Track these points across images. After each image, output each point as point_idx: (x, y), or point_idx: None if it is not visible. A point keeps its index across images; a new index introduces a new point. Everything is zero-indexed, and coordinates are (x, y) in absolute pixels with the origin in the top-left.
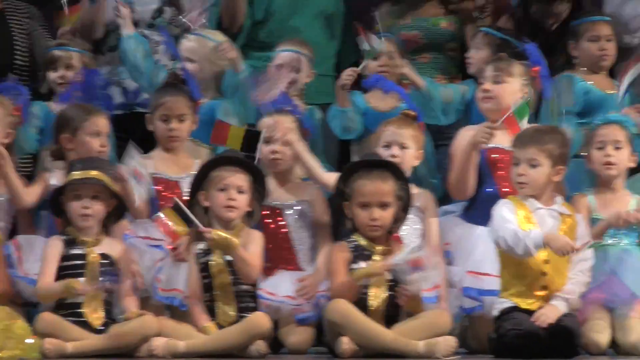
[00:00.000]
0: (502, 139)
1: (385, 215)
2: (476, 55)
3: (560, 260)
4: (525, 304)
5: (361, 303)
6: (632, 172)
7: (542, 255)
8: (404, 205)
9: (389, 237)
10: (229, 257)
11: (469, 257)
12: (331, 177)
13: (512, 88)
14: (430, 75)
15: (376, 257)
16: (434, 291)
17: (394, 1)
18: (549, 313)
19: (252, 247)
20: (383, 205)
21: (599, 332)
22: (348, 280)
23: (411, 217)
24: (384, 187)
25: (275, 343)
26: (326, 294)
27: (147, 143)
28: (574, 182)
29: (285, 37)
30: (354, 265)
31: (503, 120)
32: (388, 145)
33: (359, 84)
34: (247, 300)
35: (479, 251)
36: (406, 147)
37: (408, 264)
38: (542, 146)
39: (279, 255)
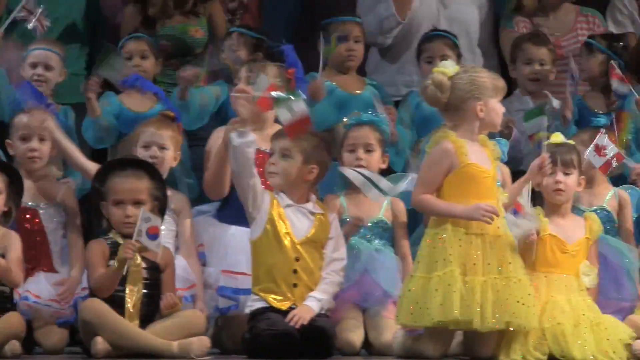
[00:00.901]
0: (260, 141)
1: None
2: (231, 56)
3: (312, 259)
4: (276, 301)
5: (117, 302)
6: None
7: (293, 253)
8: (161, 205)
9: None
10: None
11: (223, 257)
12: (95, 167)
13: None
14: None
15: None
16: (189, 291)
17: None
18: (303, 313)
19: (12, 252)
20: (137, 203)
21: (353, 332)
22: (107, 271)
23: (166, 218)
24: (138, 185)
25: (29, 343)
26: (84, 294)
27: None
28: (326, 183)
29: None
30: (112, 262)
31: (258, 99)
32: (147, 146)
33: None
34: (3, 301)
35: (233, 250)
36: (165, 148)
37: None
38: (297, 140)
39: (35, 256)
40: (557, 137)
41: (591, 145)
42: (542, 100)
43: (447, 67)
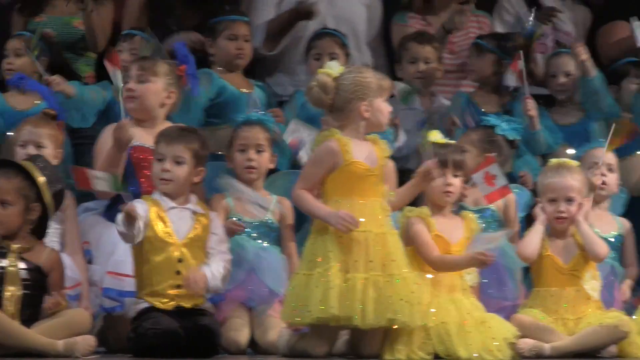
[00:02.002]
0: (147, 139)
1: (8, 214)
2: (127, 57)
3: (195, 259)
4: (160, 303)
5: None
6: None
7: (175, 253)
8: (41, 205)
9: (26, 235)
10: None
11: (109, 257)
12: None
13: (157, 87)
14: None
15: (11, 257)
16: (74, 290)
17: None
18: (197, 278)
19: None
20: (3, 204)
21: (238, 331)
22: None
23: None
24: (5, 185)
25: None
26: None
27: None
28: (213, 183)
29: None
30: None
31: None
32: (24, 145)
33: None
34: None
35: (119, 251)
36: (42, 146)
37: None
38: (188, 144)
39: None
40: (436, 135)
41: (481, 171)
42: (428, 101)
43: (332, 68)
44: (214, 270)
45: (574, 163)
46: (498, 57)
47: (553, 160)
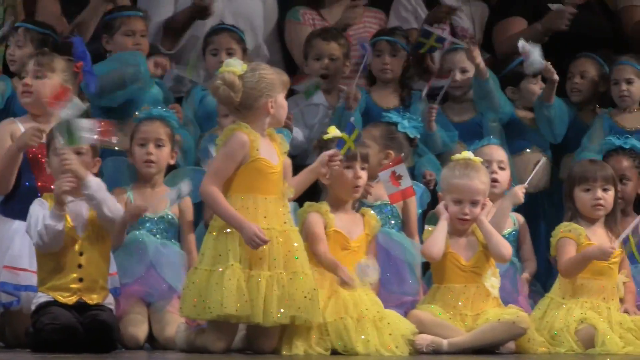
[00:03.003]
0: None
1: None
2: (18, 52)
3: (96, 252)
4: (62, 297)
5: None
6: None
7: (77, 247)
8: None
9: None
10: None
11: (6, 252)
12: None
13: (53, 83)
14: None
15: None
16: None
17: None
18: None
19: None
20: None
21: (137, 327)
22: None
23: None
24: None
25: None
26: None
27: None
28: (114, 177)
29: None
30: None
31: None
32: None
33: None
34: None
35: (16, 246)
36: None
37: None
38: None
39: None
40: (334, 131)
41: (388, 170)
42: (334, 97)
43: (235, 66)
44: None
45: (479, 160)
46: (407, 54)
47: (459, 156)
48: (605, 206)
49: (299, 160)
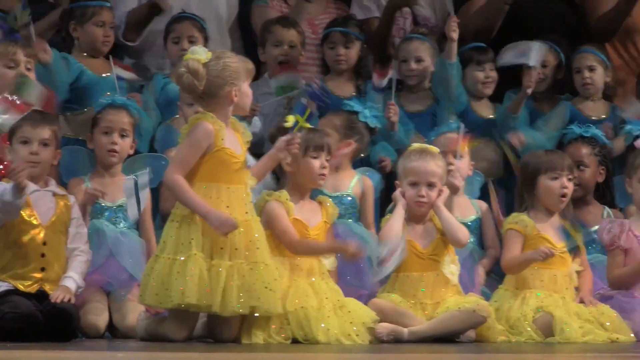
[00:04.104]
0: None
1: None
2: None
3: (59, 242)
4: (23, 286)
5: None
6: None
7: (40, 236)
8: None
9: None
10: None
11: None
12: None
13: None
14: None
15: None
16: None
17: None
18: (63, 293)
19: None
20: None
21: (97, 315)
22: None
23: None
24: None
25: None
26: None
27: None
28: (71, 167)
29: None
30: None
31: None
32: None
33: None
34: None
35: None
36: None
37: None
38: (52, 127)
39: None
40: (293, 120)
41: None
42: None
43: (200, 54)
44: (75, 277)
45: (436, 149)
46: (362, 43)
47: (415, 145)
48: (569, 195)
49: (255, 149)
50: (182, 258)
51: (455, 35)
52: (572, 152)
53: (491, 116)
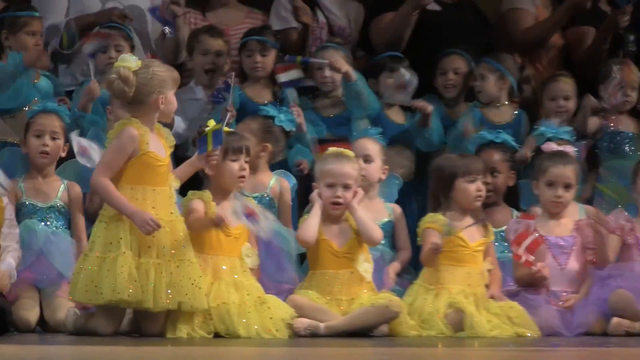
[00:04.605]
0: None
1: None
2: None
3: None
4: None
5: None
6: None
7: None
8: None
9: None
10: None
11: None
12: None
13: None
14: None
15: None
16: None
17: None
18: (4, 278)
19: None
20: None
21: (28, 310)
22: None
23: None
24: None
25: None
26: None
27: None
28: (10, 167)
29: None
30: None
31: None
32: None
33: None
34: None
35: None
36: None
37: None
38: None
39: None
40: (214, 124)
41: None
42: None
43: (130, 62)
44: (11, 260)
45: (351, 153)
46: (278, 52)
47: (332, 149)
48: (484, 197)
49: (180, 151)
50: (112, 256)
51: (346, 67)
52: (485, 159)
53: (403, 122)
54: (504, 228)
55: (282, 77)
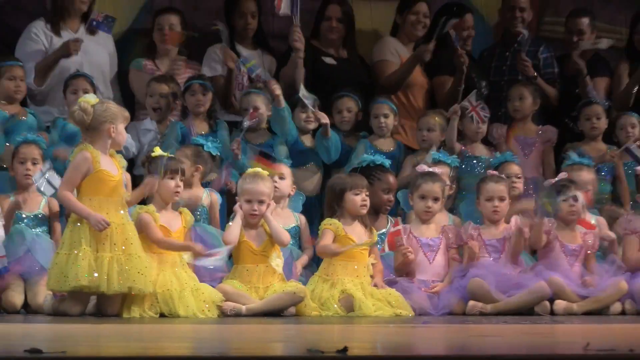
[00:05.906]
0: None
1: None
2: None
3: None
4: None
5: None
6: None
7: None
8: None
9: None
10: None
11: None
12: None
13: None
14: None
15: None
16: None
17: None
18: None
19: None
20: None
21: (15, 295)
22: None
23: None
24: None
25: None
26: None
27: None
28: (0, 187)
29: None
30: None
31: None
32: None
33: None
34: None
35: None
36: None
37: None
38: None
39: None
40: (159, 151)
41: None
42: (164, 126)
43: (90, 99)
44: None
45: (265, 173)
46: (213, 94)
47: (250, 170)
48: (367, 206)
49: (129, 169)
50: (76, 252)
51: (279, 91)
52: (382, 179)
53: (313, 147)
54: (382, 231)
55: (246, 123)
